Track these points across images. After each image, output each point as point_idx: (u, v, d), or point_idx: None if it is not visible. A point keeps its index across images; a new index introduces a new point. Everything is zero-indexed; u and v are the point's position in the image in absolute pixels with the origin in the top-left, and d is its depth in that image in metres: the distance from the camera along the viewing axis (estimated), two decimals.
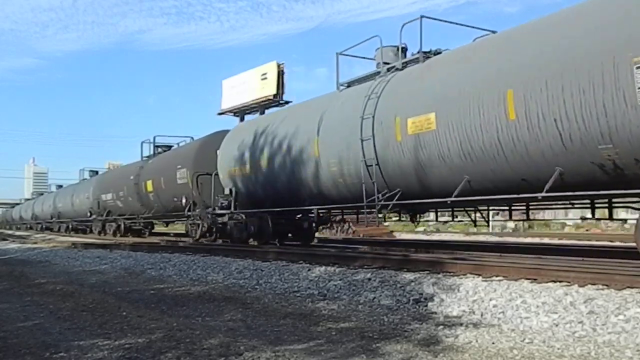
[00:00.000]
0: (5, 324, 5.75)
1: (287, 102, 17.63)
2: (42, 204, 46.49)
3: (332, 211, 14.19)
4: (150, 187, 21.80)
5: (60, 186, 47.81)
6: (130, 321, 5.65)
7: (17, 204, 72.24)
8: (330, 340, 4.84)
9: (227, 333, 5.13)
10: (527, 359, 4.15)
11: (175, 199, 19.26)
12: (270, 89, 18.01)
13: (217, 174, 16.59)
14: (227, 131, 17.67)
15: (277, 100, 17.83)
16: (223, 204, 15.80)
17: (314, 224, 14.99)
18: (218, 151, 16.63)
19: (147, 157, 24.71)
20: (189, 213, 18.09)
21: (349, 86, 12.65)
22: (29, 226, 52.17)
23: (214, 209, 16.44)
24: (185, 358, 4.19)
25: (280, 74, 17.86)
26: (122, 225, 26.11)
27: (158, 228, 30.74)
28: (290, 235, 15.32)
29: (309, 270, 8.86)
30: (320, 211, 13.61)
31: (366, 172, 10.67)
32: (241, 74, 19.85)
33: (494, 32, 10.47)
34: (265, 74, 18.26)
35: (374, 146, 10.43)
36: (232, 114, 19.95)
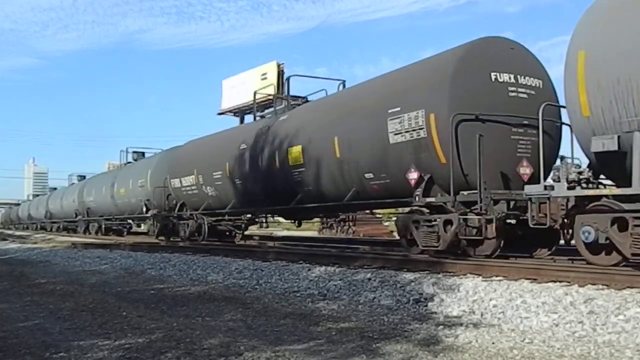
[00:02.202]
0: (5, 324, 5.75)
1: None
2: (61, 199, 37.42)
3: None
4: (296, 158, 12.33)
5: (83, 177, 38.25)
6: (130, 321, 5.65)
7: (18, 204, 66.26)
8: (330, 340, 4.84)
9: (227, 333, 5.12)
10: (527, 359, 4.16)
11: (370, 175, 10.37)
12: (270, 89, 18.03)
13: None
14: (506, 38, 9.60)
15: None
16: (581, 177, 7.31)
17: None
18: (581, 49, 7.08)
19: (265, 115, 16.29)
20: (429, 200, 9.18)
21: None
22: (38, 226, 44.80)
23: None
24: (185, 358, 4.19)
25: (280, 74, 17.91)
26: (205, 225, 16.76)
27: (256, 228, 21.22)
28: None
29: (309, 270, 8.86)
30: None
31: None
32: (241, 74, 19.91)
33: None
34: (265, 74, 18.31)
35: None
36: (232, 113, 19.99)
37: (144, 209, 21.53)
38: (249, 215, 16.14)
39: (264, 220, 17.11)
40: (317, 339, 4.86)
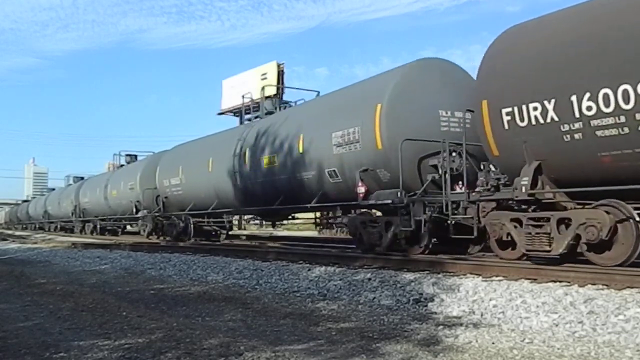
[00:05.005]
0: (5, 324, 5.75)
1: (287, 102, 17.65)
2: (106, 187, 25.48)
3: None
4: None
5: (135, 156, 27.05)
6: (130, 321, 5.65)
7: (22, 202, 60.75)
8: (330, 340, 4.84)
9: (227, 333, 5.12)
10: (527, 359, 4.16)
11: None
12: (270, 89, 18.02)
13: None
14: None
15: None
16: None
17: None
18: None
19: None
20: None
21: None
22: (58, 227, 35.48)
23: None
24: (185, 358, 4.19)
25: (280, 74, 17.92)
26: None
27: None
28: None
29: (309, 270, 8.86)
30: None
31: None
32: (241, 74, 19.93)
33: None
34: (265, 74, 18.31)
35: None
36: (232, 113, 20.00)
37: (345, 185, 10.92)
38: None
39: None
40: (317, 339, 4.86)
